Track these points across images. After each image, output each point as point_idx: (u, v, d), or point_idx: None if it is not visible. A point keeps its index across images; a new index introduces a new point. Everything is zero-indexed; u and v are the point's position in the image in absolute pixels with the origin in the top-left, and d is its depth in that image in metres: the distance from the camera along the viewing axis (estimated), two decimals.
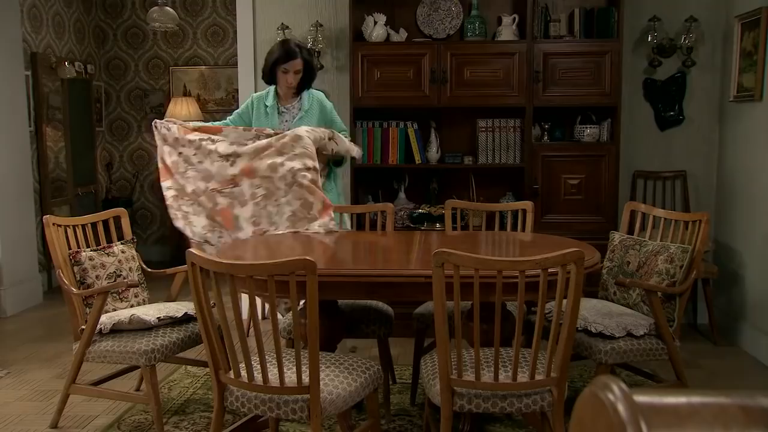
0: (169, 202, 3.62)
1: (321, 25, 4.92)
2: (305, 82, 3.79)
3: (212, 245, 3.57)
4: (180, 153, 3.64)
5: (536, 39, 4.55)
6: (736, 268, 4.54)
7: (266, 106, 3.78)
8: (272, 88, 3.84)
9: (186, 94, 7.30)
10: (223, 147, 3.58)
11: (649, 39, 4.79)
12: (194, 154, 3.61)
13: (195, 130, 3.68)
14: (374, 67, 4.57)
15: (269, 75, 3.76)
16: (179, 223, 3.58)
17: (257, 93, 3.93)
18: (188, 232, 3.56)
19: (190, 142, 3.62)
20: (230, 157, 3.57)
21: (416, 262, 2.81)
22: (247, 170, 3.57)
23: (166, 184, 3.65)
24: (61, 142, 6.46)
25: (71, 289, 3.14)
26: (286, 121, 3.79)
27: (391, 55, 4.59)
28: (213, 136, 3.63)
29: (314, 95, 3.84)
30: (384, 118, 4.71)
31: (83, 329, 3.09)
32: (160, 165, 3.72)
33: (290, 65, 3.67)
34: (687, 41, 4.76)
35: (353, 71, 4.58)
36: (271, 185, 3.52)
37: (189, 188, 3.60)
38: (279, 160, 3.46)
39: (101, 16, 7.38)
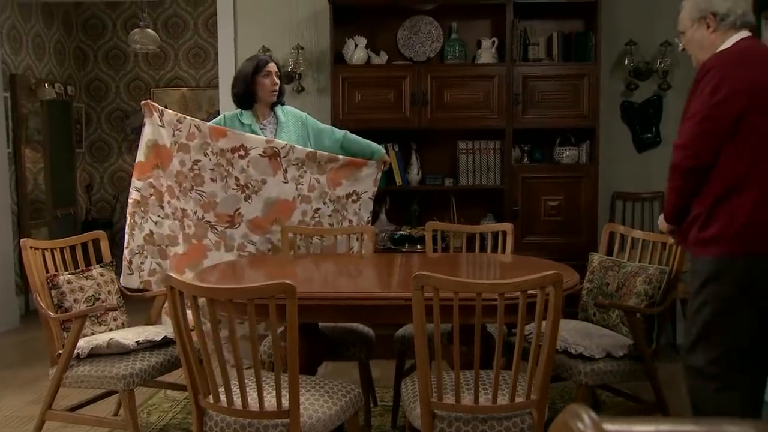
0: (130, 210, 3.56)
1: (302, 48, 4.94)
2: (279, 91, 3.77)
3: (131, 271, 3.59)
4: (197, 161, 3.51)
5: (515, 62, 4.61)
6: None
7: (243, 124, 3.72)
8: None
9: None
10: (244, 176, 3.54)
11: (626, 62, 4.87)
12: (212, 169, 3.52)
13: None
14: (355, 89, 4.60)
15: (247, 90, 3.68)
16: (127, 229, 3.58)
17: (228, 112, 3.82)
18: (126, 241, 3.57)
19: (222, 151, 3.51)
20: (246, 190, 3.57)
21: (397, 284, 2.81)
22: (256, 223, 3.60)
23: (137, 185, 3.54)
24: (40, 163, 6.41)
25: (48, 313, 3.10)
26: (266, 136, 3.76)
27: (371, 78, 4.62)
28: (245, 145, 3.52)
29: (286, 108, 3.81)
30: None
31: (60, 354, 3.05)
32: (143, 158, 3.52)
33: (269, 67, 3.69)
34: (663, 65, 4.84)
35: (334, 93, 4.60)
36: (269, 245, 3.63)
37: (183, 206, 3.57)
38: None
39: (82, 38, 7.37)
